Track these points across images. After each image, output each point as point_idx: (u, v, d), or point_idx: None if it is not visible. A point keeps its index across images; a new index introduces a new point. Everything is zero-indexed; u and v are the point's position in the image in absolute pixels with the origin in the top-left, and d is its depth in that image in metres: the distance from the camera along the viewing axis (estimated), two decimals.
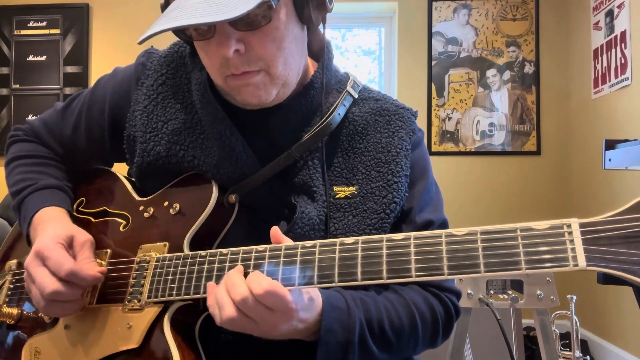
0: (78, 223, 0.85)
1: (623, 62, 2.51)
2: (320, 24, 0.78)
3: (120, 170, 0.93)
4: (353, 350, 0.68)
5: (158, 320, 0.70)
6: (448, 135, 3.19)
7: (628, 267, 0.47)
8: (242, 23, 0.67)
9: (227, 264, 0.66)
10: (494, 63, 3.18)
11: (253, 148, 0.78)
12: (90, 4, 3.33)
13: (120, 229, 0.82)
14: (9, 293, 0.87)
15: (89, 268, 0.73)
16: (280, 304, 0.59)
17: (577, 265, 0.49)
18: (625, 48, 2.49)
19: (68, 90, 3.28)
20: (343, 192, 0.79)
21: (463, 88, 3.19)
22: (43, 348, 0.78)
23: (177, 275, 0.70)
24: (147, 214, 0.80)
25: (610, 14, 2.64)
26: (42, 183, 0.87)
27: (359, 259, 0.58)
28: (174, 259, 0.71)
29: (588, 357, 2.57)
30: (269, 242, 0.65)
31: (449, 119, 3.19)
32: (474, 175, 3.17)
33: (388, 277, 0.56)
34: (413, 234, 0.57)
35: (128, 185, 0.88)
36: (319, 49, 0.84)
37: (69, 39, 3.32)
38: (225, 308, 0.59)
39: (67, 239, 0.75)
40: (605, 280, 1.22)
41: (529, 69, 3.16)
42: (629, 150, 1.50)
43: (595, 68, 2.79)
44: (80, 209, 0.90)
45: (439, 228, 0.83)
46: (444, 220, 0.85)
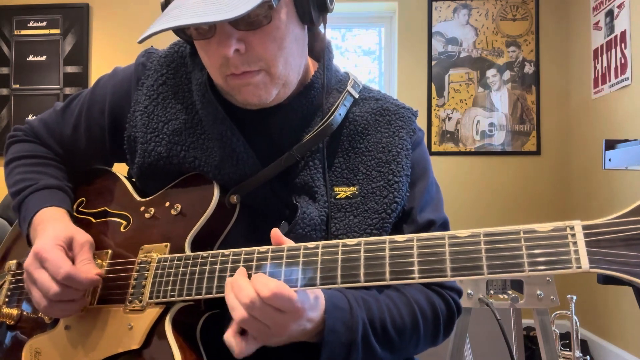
0: (78, 223, 0.84)
1: (623, 62, 2.52)
2: (321, 24, 0.78)
3: (120, 171, 0.93)
4: (356, 350, 0.68)
5: (159, 321, 0.70)
6: (448, 135, 3.19)
7: (631, 269, 0.47)
8: (242, 23, 0.66)
9: (229, 265, 0.66)
10: (494, 63, 3.18)
11: (254, 148, 0.78)
12: (90, 4, 3.33)
13: (121, 230, 0.82)
14: (9, 294, 0.87)
15: (86, 271, 0.73)
16: (289, 305, 0.59)
17: (580, 268, 0.49)
18: (625, 48, 2.49)
19: (68, 90, 3.28)
20: (344, 192, 0.79)
21: (463, 88, 3.19)
22: (43, 349, 0.78)
23: (178, 276, 0.70)
24: (148, 215, 0.80)
25: (610, 14, 2.64)
26: (42, 183, 0.87)
27: (362, 261, 0.58)
28: (176, 260, 0.71)
29: (588, 357, 2.57)
30: (270, 242, 0.65)
31: (449, 119, 3.19)
32: (474, 175, 3.17)
33: (391, 278, 0.57)
34: (416, 236, 0.57)
35: (128, 186, 0.87)
36: (320, 49, 0.84)
37: (69, 39, 3.32)
38: (236, 310, 0.60)
39: (66, 240, 0.75)
40: (605, 281, 1.22)
41: (529, 69, 3.16)
42: (629, 150, 1.50)
43: (595, 68, 2.79)
44: (81, 209, 0.89)
45: (440, 227, 0.83)
46: (445, 220, 0.85)
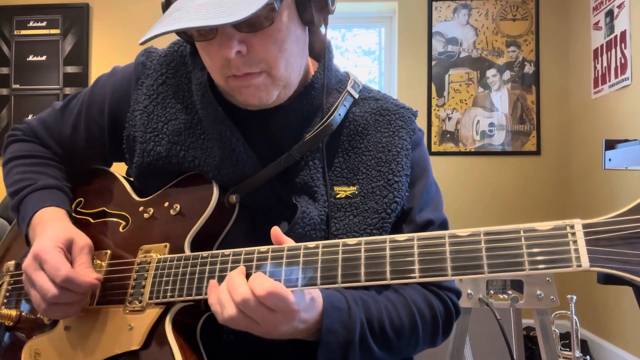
0: (77, 224, 0.84)
1: (623, 62, 2.52)
2: (322, 25, 0.78)
3: (119, 171, 0.92)
4: (354, 350, 0.68)
5: (159, 322, 0.69)
6: (448, 135, 3.19)
7: (631, 267, 0.47)
8: (244, 24, 0.66)
9: (229, 265, 0.66)
10: (494, 63, 3.18)
11: (254, 148, 0.78)
12: (90, 4, 3.33)
13: (120, 230, 0.82)
14: (7, 295, 0.87)
15: (85, 274, 0.73)
16: (282, 305, 0.59)
17: (580, 266, 0.49)
18: (625, 48, 2.49)
19: (68, 90, 3.28)
20: (344, 192, 0.79)
21: (463, 88, 3.19)
22: (43, 350, 0.78)
23: (178, 277, 0.70)
24: (147, 215, 0.80)
25: (610, 14, 2.64)
26: (41, 183, 0.86)
27: (362, 260, 0.58)
28: (176, 260, 0.71)
29: (588, 357, 2.57)
30: (270, 242, 0.65)
31: (449, 119, 3.19)
32: (474, 175, 3.17)
33: (392, 278, 0.57)
34: (416, 235, 0.57)
35: (127, 186, 0.87)
36: (320, 49, 0.83)
37: (69, 39, 3.32)
38: (227, 307, 0.60)
39: (66, 242, 0.75)
40: (605, 280, 1.22)
41: (529, 69, 3.16)
42: (629, 150, 1.50)
43: (595, 68, 2.79)
44: (79, 210, 0.89)
45: (439, 227, 0.83)
46: (444, 220, 0.85)
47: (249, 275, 0.63)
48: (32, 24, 3.34)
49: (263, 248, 0.65)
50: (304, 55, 0.78)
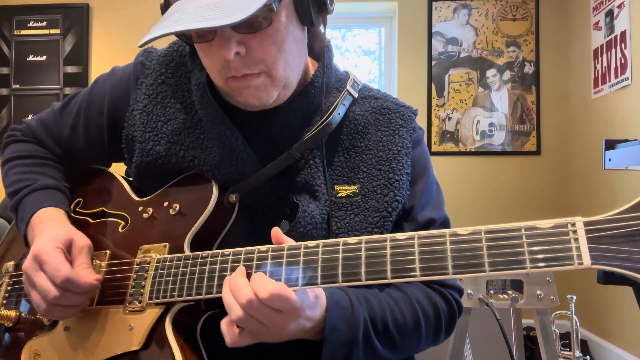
0: (76, 224, 0.84)
1: (623, 62, 2.51)
2: (321, 25, 0.78)
3: (118, 171, 0.92)
4: (358, 348, 0.68)
5: (159, 322, 0.69)
6: (448, 135, 3.19)
7: (633, 265, 0.47)
8: (243, 26, 0.66)
9: (229, 265, 0.66)
10: (494, 63, 3.18)
11: (253, 148, 0.78)
12: (90, 4, 3.33)
13: (119, 230, 0.82)
14: (7, 295, 0.86)
15: (85, 275, 0.72)
16: (287, 305, 0.59)
17: (582, 264, 0.49)
18: (625, 48, 2.49)
19: (68, 90, 3.28)
20: (345, 190, 0.79)
21: (463, 88, 3.19)
22: (43, 350, 0.78)
23: (178, 276, 0.69)
24: (146, 215, 0.80)
25: (610, 14, 2.64)
26: (39, 183, 0.86)
27: (363, 259, 0.58)
28: (175, 260, 0.71)
29: (588, 357, 2.57)
30: (270, 242, 0.65)
31: (449, 119, 3.19)
32: (474, 175, 3.16)
33: (392, 276, 0.56)
34: (417, 234, 0.57)
35: (126, 186, 0.87)
36: (319, 49, 0.84)
37: (69, 39, 3.32)
38: (234, 310, 0.60)
39: (65, 243, 0.75)
40: (605, 280, 1.22)
41: (529, 69, 3.16)
42: (629, 150, 1.50)
43: (595, 68, 2.79)
44: (78, 210, 0.89)
45: (441, 226, 0.83)
46: (446, 218, 0.85)
47: (250, 275, 0.63)
48: (32, 24, 3.34)
49: (263, 247, 0.65)
50: (303, 56, 0.78)
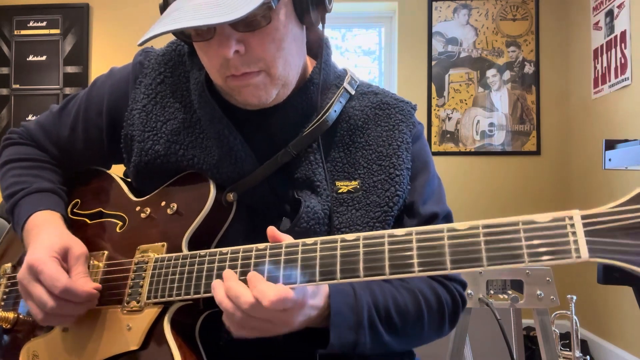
0: (73, 225, 0.84)
1: (623, 62, 2.51)
2: (320, 24, 0.78)
3: (116, 173, 0.92)
4: (364, 333, 0.69)
5: (158, 322, 0.69)
6: (448, 135, 3.18)
7: (631, 258, 0.46)
8: (242, 24, 0.66)
9: (227, 263, 0.66)
10: (494, 63, 3.18)
11: (253, 147, 0.78)
12: (90, 4, 3.33)
13: (117, 230, 0.82)
14: (4, 297, 0.86)
15: (83, 284, 0.72)
16: (290, 304, 0.60)
17: (580, 257, 0.48)
18: (625, 48, 2.49)
19: (68, 90, 3.28)
20: (345, 186, 0.79)
21: (463, 88, 3.19)
22: (41, 352, 0.77)
23: (176, 275, 0.69)
24: (144, 215, 0.80)
25: (610, 14, 2.64)
26: (35, 186, 0.86)
27: (361, 255, 0.58)
28: (173, 259, 0.71)
29: (588, 357, 2.57)
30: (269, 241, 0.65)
31: (449, 119, 3.19)
32: (474, 175, 3.16)
33: (390, 272, 0.56)
34: (415, 229, 0.57)
35: (123, 186, 0.87)
36: (317, 47, 0.84)
37: (69, 39, 3.32)
38: (235, 316, 0.61)
39: (60, 251, 0.74)
40: (606, 280, 1.22)
41: (529, 69, 3.16)
42: (629, 150, 1.50)
43: (595, 68, 2.79)
44: (75, 211, 0.88)
45: (444, 220, 0.83)
46: (449, 212, 0.85)
47: (245, 273, 0.63)
48: (32, 24, 3.34)
49: (261, 245, 0.65)
50: (302, 54, 0.78)
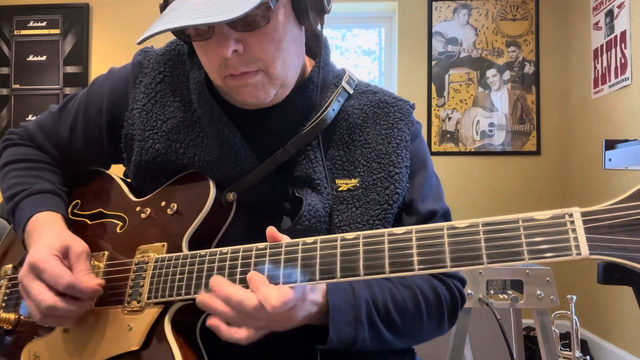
0: (74, 226, 0.84)
1: (623, 62, 2.51)
2: (319, 25, 0.78)
3: (117, 173, 0.92)
4: (363, 329, 0.69)
5: (158, 322, 0.69)
6: (448, 135, 3.18)
7: (630, 254, 0.47)
8: (240, 23, 0.67)
9: (227, 263, 0.66)
10: (494, 63, 3.18)
11: (252, 146, 0.78)
12: (90, 4, 3.33)
13: (117, 231, 0.82)
14: (6, 298, 0.86)
15: (87, 280, 0.72)
16: (292, 304, 0.60)
17: (579, 254, 0.49)
18: (625, 48, 2.49)
19: (68, 90, 3.28)
20: (345, 184, 0.80)
21: (463, 88, 3.19)
22: (42, 352, 0.77)
23: (177, 275, 0.69)
24: (144, 215, 0.80)
25: (610, 14, 2.64)
26: (36, 187, 0.85)
27: (361, 254, 0.58)
28: (173, 259, 0.71)
29: (588, 357, 2.57)
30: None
31: (449, 119, 3.19)
32: (474, 175, 3.16)
33: (390, 271, 0.57)
34: (415, 228, 0.57)
35: (123, 186, 0.87)
36: (316, 46, 0.84)
37: (69, 39, 3.32)
38: (241, 326, 0.62)
39: (61, 250, 0.74)
40: (605, 280, 1.22)
41: (529, 69, 3.16)
42: (629, 150, 1.50)
43: (595, 68, 2.79)
44: (76, 212, 0.88)
45: (443, 218, 0.84)
46: (447, 210, 0.85)
47: (245, 273, 0.63)
48: (32, 24, 3.34)
49: (261, 245, 0.65)
50: (301, 54, 0.79)
